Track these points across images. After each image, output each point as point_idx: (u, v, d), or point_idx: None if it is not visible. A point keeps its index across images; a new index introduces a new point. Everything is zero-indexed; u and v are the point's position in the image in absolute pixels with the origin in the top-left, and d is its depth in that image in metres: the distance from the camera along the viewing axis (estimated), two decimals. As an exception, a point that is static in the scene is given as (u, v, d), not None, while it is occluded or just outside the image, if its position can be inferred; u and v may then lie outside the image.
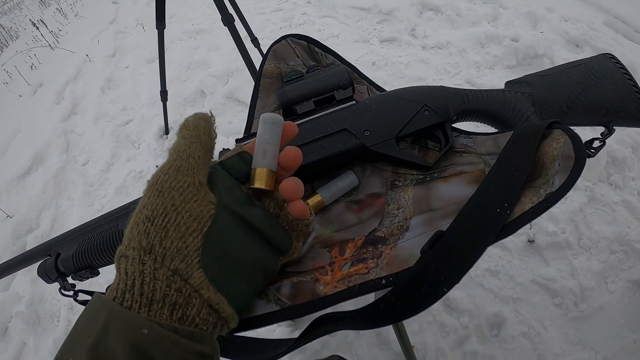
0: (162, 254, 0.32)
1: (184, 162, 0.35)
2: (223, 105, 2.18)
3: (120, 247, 0.33)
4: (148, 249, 0.32)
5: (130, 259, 0.31)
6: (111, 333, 0.27)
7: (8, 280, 1.69)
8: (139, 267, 0.31)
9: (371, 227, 0.47)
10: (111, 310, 0.29)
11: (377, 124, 0.53)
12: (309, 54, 0.68)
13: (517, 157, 0.41)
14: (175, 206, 0.33)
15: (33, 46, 3.82)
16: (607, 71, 0.59)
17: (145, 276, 0.31)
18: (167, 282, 0.31)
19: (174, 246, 0.32)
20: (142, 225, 0.32)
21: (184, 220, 0.33)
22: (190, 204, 0.34)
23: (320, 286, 0.40)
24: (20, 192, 2.14)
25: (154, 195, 0.34)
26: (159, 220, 0.32)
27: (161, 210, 0.33)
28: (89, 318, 0.30)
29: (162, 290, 0.31)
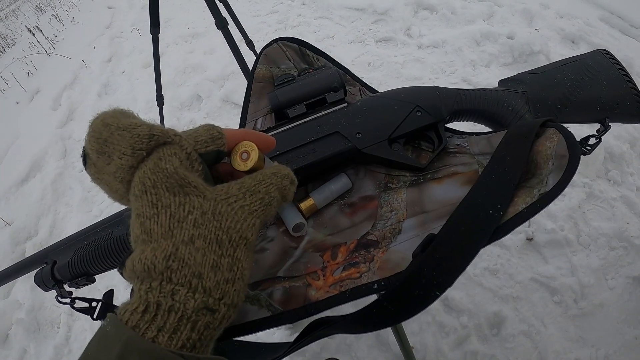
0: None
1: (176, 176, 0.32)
2: (219, 108, 2.18)
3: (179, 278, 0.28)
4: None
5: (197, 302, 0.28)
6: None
7: (8, 288, 1.69)
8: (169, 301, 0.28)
9: (364, 230, 0.47)
10: (128, 339, 0.25)
11: (369, 126, 0.53)
12: (300, 56, 0.68)
13: (511, 157, 0.41)
14: (235, 241, 0.32)
15: (29, 53, 3.81)
16: (602, 67, 0.59)
17: (222, 323, 0.30)
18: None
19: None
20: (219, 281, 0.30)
21: (243, 252, 0.32)
22: (248, 260, 0.33)
23: (312, 291, 0.40)
24: (19, 199, 2.13)
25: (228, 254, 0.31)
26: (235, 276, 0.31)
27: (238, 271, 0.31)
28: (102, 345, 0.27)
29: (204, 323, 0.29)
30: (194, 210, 0.31)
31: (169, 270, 0.28)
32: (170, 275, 0.28)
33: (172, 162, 0.32)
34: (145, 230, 0.30)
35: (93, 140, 0.33)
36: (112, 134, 0.32)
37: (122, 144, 0.31)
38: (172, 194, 0.31)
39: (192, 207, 0.31)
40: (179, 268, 0.28)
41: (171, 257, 0.29)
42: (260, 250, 0.48)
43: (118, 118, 0.33)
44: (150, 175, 0.31)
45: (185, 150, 0.33)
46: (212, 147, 0.34)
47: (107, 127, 0.32)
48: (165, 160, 0.32)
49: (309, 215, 0.51)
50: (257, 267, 0.45)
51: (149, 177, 0.31)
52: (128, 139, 0.31)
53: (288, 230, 0.49)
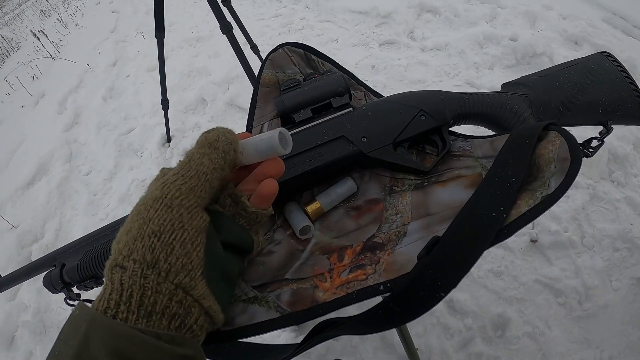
0: (166, 269, 0.31)
1: (199, 182, 0.35)
2: (224, 112, 2.19)
3: (115, 256, 0.32)
4: (152, 263, 0.31)
5: (130, 271, 0.31)
6: (93, 341, 0.27)
7: (14, 291, 1.70)
8: (140, 281, 0.30)
9: (369, 233, 0.48)
10: (92, 318, 0.29)
11: (374, 130, 0.54)
12: (305, 61, 0.69)
13: (513, 160, 0.41)
14: (183, 223, 0.33)
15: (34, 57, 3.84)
16: (604, 70, 0.59)
17: (146, 290, 0.30)
18: (170, 295, 0.31)
19: (179, 262, 0.32)
20: (148, 240, 0.32)
21: (189, 237, 0.33)
22: (196, 220, 0.34)
23: (320, 293, 0.40)
24: (25, 202, 2.15)
25: (161, 210, 0.33)
26: (166, 236, 0.32)
27: (169, 226, 0.32)
28: (71, 328, 0.29)
29: (163, 303, 0.31)
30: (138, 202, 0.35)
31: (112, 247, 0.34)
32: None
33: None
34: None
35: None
36: None
37: None
38: None
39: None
40: (113, 243, 0.33)
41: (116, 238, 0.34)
42: (267, 253, 0.49)
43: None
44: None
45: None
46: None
47: None
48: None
49: (315, 218, 0.52)
50: (265, 269, 0.46)
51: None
52: None
53: (295, 234, 0.50)
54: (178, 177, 0.35)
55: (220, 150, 0.37)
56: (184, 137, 2.14)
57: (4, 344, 1.55)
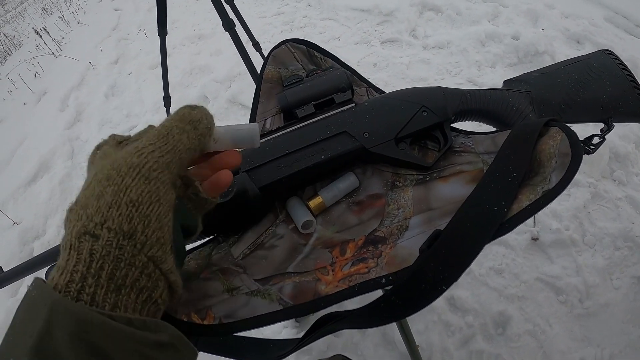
0: (142, 241, 0.30)
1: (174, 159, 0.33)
2: (226, 109, 2.19)
3: (84, 223, 0.29)
4: (129, 234, 0.29)
5: (103, 240, 0.28)
6: (56, 330, 0.24)
7: (16, 286, 1.71)
8: (114, 252, 0.28)
9: (371, 227, 0.48)
10: (53, 302, 0.25)
11: (376, 125, 0.54)
12: (308, 58, 0.69)
13: (515, 156, 0.42)
14: (159, 197, 0.32)
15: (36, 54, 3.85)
16: (605, 67, 0.59)
17: (119, 261, 0.28)
18: (141, 269, 0.30)
19: (154, 235, 0.31)
20: (125, 209, 0.30)
21: (164, 212, 0.32)
22: (169, 195, 0.33)
23: (322, 286, 0.41)
24: (27, 199, 2.16)
25: (139, 180, 0.31)
26: (144, 208, 0.30)
27: (147, 198, 0.31)
28: (29, 312, 0.27)
29: (134, 276, 0.29)
30: (105, 166, 0.32)
31: (69, 212, 0.30)
32: (70, 216, 0.30)
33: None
34: None
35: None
36: None
37: None
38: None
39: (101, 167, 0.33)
40: (75, 207, 0.30)
41: (76, 202, 0.31)
42: (270, 247, 0.49)
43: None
44: None
45: None
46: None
47: None
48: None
49: (317, 213, 0.52)
50: (267, 263, 0.46)
51: None
52: None
53: (297, 228, 0.50)
54: (155, 148, 0.33)
55: (199, 132, 0.36)
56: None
57: (6, 339, 1.55)
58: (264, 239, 0.50)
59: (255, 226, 0.52)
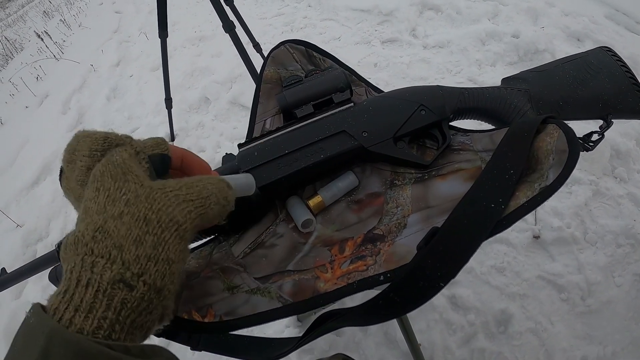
0: (165, 295, 0.31)
1: (202, 223, 0.35)
2: (227, 110, 2.20)
3: (120, 269, 0.28)
4: (159, 289, 0.30)
5: (138, 293, 0.29)
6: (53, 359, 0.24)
7: (20, 289, 1.71)
8: (143, 304, 0.29)
9: (370, 225, 0.48)
10: (51, 330, 0.25)
11: (375, 124, 0.54)
12: (307, 58, 0.69)
13: (512, 153, 0.42)
14: (184, 255, 0.33)
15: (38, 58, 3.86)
16: (604, 64, 0.60)
17: (144, 311, 0.29)
18: (155, 314, 0.31)
19: (174, 288, 0.32)
20: (162, 266, 0.30)
21: (183, 267, 0.33)
22: (177, 245, 0.33)
23: (321, 283, 0.41)
24: (30, 201, 2.16)
25: (176, 238, 0.32)
26: (175, 266, 0.32)
27: (178, 257, 0.32)
28: (26, 339, 0.26)
29: (148, 319, 0.30)
30: (128, 192, 0.32)
31: (93, 241, 0.29)
32: (93, 246, 0.29)
33: (121, 155, 0.35)
34: (85, 210, 0.32)
35: (66, 152, 0.36)
36: (79, 142, 0.36)
37: (83, 148, 0.35)
38: (114, 180, 0.32)
39: (128, 190, 0.32)
40: (102, 239, 0.29)
41: (98, 230, 0.30)
42: (270, 246, 0.49)
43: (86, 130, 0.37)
44: (100, 167, 0.34)
45: (134, 148, 0.36)
46: (157, 150, 0.38)
47: (75, 138, 0.36)
48: (116, 154, 0.34)
49: (317, 212, 0.53)
50: (267, 261, 0.47)
51: (99, 169, 0.34)
52: (88, 143, 0.35)
53: (297, 227, 0.51)
54: (194, 208, 0.34)
55: (225, 210, 0.37)
56: (187, 135, 2.14)
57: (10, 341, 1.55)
58: (264, 237, 0.51)
59: (255, 225, 0.52)
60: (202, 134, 2.13)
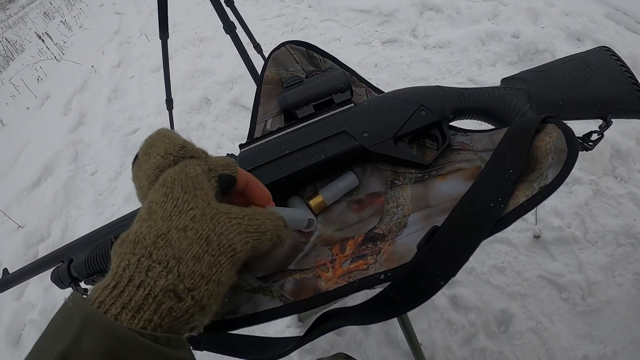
0: (207, 312, 0.32)
1: (254, 254, 0.37)
2: (228, 111, 2.20)
3: (174, 280, 0.30)
4: (203, 306, 0.31)
5: (185, 305, 0.30)
6: (85, 340, 0.25)
7: (21, 289, 1.72)
8: (186, 315, 0.30)
9: (371, 224, 0.49)
10: (87, 315, 0.26)
11: (375, 125, 0.54)
12: (307, 59, 0.70)
13: (511, 153, 0.42)
14: (232, 280, 0.35)
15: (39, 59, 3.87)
16: (603, 64, 0.60)
17: (184, 320, 0.30)
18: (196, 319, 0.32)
19: (216, 308, 0.33)
20: (212, 286, 0.32)
21: (227, 260, 0.34)
22: (229, 271, 0.35)
23: (322, 282, 0.41)
24: (31, 202, 2.17)
25: (230, 263, 0.34)
26: (223, 288, 0.33)
27: (227, 281, 0.34)
28: (62, 321, 0.27)
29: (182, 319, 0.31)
30: (196, 208, 0.34)
31: (153, 246, 0.31)
32: (153, 251, 0.30)
33: (195, 169, 0.36)
34: (149, 211, 0.34)
35: (145, 143, 0.39)
36: (158, 139, 0.38)
37: (160, 147, 0.38)
38: (184, 192, 0.34)
39: (195, 206, 0.34)
40: (163, 247, 0.31)
41: (161, 236, 0.31)
42: None
43: (168, 131, 0.39)
44: (172, 174, 0.35)
45: (208, 165, 0.38)
46: (226, 171, 0.39)
47: (157, 134, 0.39)
48: (190, 167, 0.36)
49: (318, 212, 0.53)
50: (269, 261, 0.47)
51: (171, 175, 0.35)
52: (165, 144, 0.38)
53: None
54: (251, 239, 0.36)
55: (276, 246, 0.39)
56: (188, 136, 2.13)
57: (12, 342, 1.56)
58: None
59: (256, 225, 0.53)
60: (203, 135, 2.13)
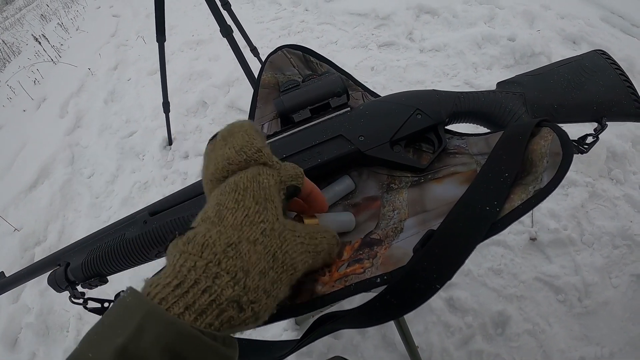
0: (262, 318, 0.33)
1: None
2: (225, 114, 2.20)
3: (239, 292, 0.31)
4: (259, 317, 0.32)
5: (244, 315, 0.31)
6: (146, 335, 0.25)
7: (17, 292, 1.71)
8: (242, 324, 0.31)
9: (368, 229, 0.49)
10: (149, 310, 0.26)
11: (372, 129, 0.55)
12: (304, 63, 0.70)
13: (507, 156, 0.42)
14: (287, 265, 0.35)
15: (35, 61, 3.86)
16: (598, 67, 0.60)
17: (239, 326, 0.31)
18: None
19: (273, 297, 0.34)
20: (271, 301, 0.33)
21: (287, 278, 0.35)
22: (286, 288, 0.36)
23: (319, 286, 0.41)
24: (27, 205, 2.17)
25: (288, 279, 0.35)
26: (278, 300, 0.35)
27: (284, 294, 0.35)
28: (121, 315, 0.27)
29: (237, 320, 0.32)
30: (266, 221, 0.35)
31: (223, 255, 0.31)
32: (222, 260, 0.31)
33: (268, 179, 0.38)
34: (219, 215, 0.34)
35: (227, 127, 0.41)
36: (239, 132, 0.40)
37: (237, 140, 0.39)
38: (256, 202, 0.35)
39: (266, 219, 0.35)
40: (234, 257, 0.31)
41: (232, 246, 0.32)
42: None
43: (253, 127, 0.41)
44: (246, 181, 0.37)
45: (280, 177, 0.39)
46: (294, 183, 0.41)
47: (241, 125, 0.41)
48: (263, 176, 0.38)
49: None
50: None
51: (244, 182, 0.37)
52: (244, 140, 0.39)
53: None
54: (310, 258, 0.38)
55: (331, 257, 0.43)
56: (185, 139, 2.15)
57: (8, 345, 1.56)
58: None
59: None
60: (199, 138, 2.13)
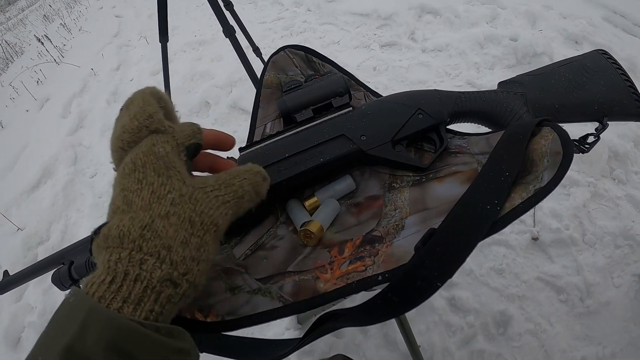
0: (200, 289, 0.34)
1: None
2: (227, 115, 2.21)
3: (169, 269, 0.31)
4: (196, 285, 0.33)
5: (182, 290, 0.31)
6: (90, 332, 0.26)
7: (20, 292, 1.72)
8: (184, 299, 0.32)
9: (369, 227, 0.49)
10: (90, 307, 0.27)
11: (374, 128, 0.55)
12: (307, 63, 0.70)
13: (508, 156, 0.43)
14: (206, 225, 0.35)
15: (38, 62, 3.87)
16: (599, 67, 0.60)
17: (181, 302, 0.32)
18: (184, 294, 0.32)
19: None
20: (202, 265, 0.33)
21: (211, 237, 0.35)
22: (214, 245, 0.36)
23: (321, 284, 0.42)
24: (30, 205, 2.17)
25: (214, 238, 0.35)
26: (209, 264, 0.35)
27: (213, 255, 0.35)
28: (66, 315, 0.28)
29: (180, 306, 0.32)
30: (173, 190, 0.34)
31: (141, 239, 0.31)
32: (142, 244, 0.30)
33: (164, 147, 0.36)
34: (126, 202, 0.33)
35: (130, 96, 0.39)
36: (137, 98, 0.38)
37: (134, 108, 0.37)
38: (157, 175, 0.34)
39: (172, 188, 0.34)
40: (151, 238, 0.31)
41: (146, 227, 0.31)
42: (271, 248, 0.50)
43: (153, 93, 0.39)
44: (142, 156, 0.35)
45: (176, 140, 0.37)
46: (193, 141, 0.39)
47: (140, 92, 0.39)
48: (158, 145, 0.36)
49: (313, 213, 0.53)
50: (269, 263, 0.48)
51: (140, 158, 0.35)
52: (139, 107, 0.37)
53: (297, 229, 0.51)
54: (229, 209, 0.36)
55: (254, 202, 0.40)
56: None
57: (11, 344, 1.56)
58: (265, 240, 0.51)
59: (256, 228, 0.53)
60: (202, 138, 2.13)
